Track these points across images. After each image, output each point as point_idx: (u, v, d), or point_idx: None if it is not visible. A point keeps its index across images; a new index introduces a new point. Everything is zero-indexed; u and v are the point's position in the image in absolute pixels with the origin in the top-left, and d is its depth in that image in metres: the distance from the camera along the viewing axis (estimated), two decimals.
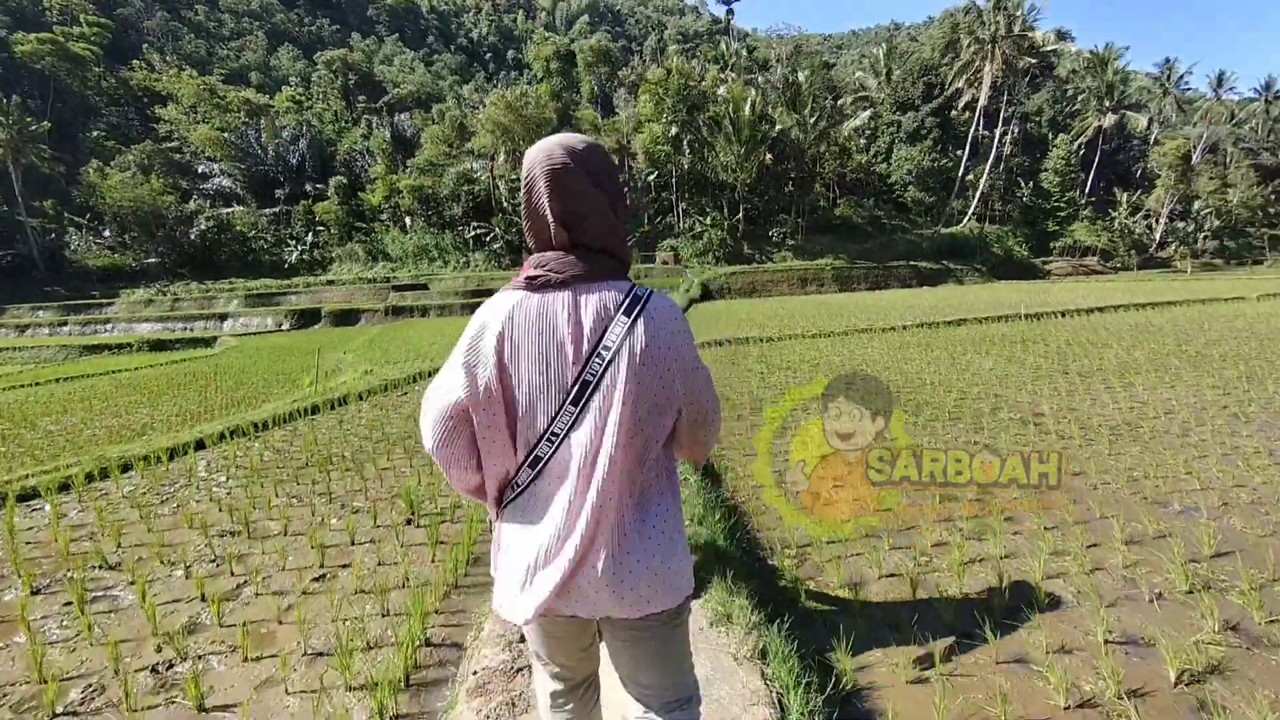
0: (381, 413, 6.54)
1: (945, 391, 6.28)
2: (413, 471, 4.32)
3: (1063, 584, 2.51)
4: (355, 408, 6.90)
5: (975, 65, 38.84)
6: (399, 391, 7.95)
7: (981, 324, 13.21)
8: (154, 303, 37.50)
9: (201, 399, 11.07)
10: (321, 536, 3.17)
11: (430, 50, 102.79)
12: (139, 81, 61.25)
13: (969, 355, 8.78)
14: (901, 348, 9.90)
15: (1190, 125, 59.40)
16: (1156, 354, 7.96)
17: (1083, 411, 5.28)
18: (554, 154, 1.04)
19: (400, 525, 3.36)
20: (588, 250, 1.07)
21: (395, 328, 24.67)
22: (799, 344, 11.00)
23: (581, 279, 1.05)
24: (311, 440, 5.34)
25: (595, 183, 1.06)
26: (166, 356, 22.91)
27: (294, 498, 3.86)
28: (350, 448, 5.09)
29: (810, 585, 2.57)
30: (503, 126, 39.60)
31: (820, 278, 34.93)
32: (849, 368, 8.04)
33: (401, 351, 15.62)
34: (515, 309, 1.05)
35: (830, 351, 9.91)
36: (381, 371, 11.35)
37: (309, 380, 12.25)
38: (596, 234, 1.08)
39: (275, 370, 14.73)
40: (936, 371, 7.52)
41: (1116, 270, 43.68)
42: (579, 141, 1.07)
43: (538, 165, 1.05)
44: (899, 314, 16.06)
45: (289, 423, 6.16)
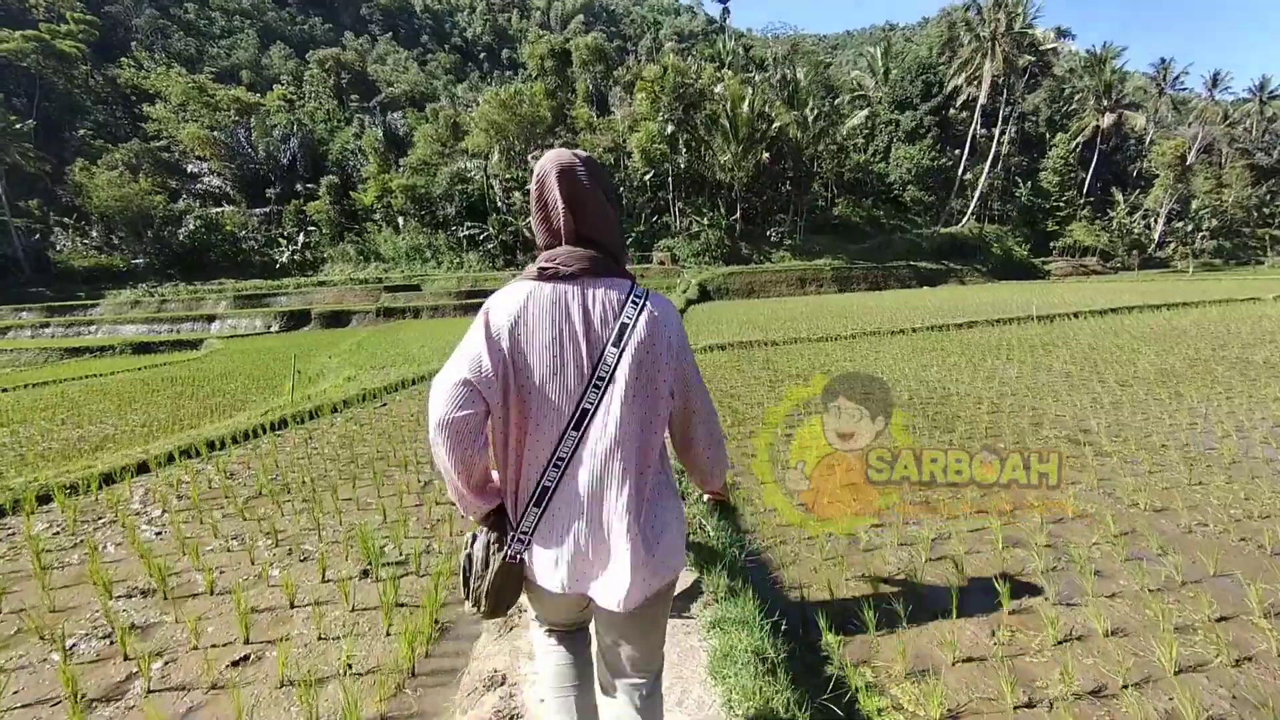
0: (356, 428, 5.93)
1: (976, 404, 5.72)
2: (378, 503, 3.73)
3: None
4: (328, 421, 6.29)
5: (975, 63, 38.40)
6: (378, 402, 7.34)
7: (993, 326, 12.68)
8: (140, 304, 36.71)
9: (173, 407, 10.43)
10: (254, 597, 2.58)
11: (424, 49, 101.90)
12: (127, 80, 60.36)
13: (989, 361, 8.23)
14: (915, 352, 9.35)
15: (1185, 125, 59.27)
16: (1194, 360, 7.43)
17: (1136, 428, 4.72)
18: (563, 155, 1.18)
19: (354, 579, 2.77)
20: (592, 245, 1.17)
21: (385, 330, 24.02)
22: (806, 348, 10.44)
23: (589, 273, 1.15)
24: (271, 463, 4.74)
25: (597, 183, 1.18)
26: (149, 360, 22.21)
27: (234, 539, 3.26)
28: (313, 471, 4.49)
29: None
30: (497, 125, 38.99)
31: (819, 278, 34.42)
32: (873, 373, 7.47)
33: (389, 355, 14.99)
34: (529, 297, 1.14)
35: (840, 357, 9.35)
36: (364, 378, 10.73)
37: (289, 387, 11.64)
38: (599, 227, 1.18)
39: (257, 375, 14.08)
40: (960, 380, 6.96)
41: (1116, 270, 43.38)
42: (582, 153, 1.20)
43: (550, 163, 1.17)
44: (905, 316, 15.53)
45: (251, 440, 5.54)
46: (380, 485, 4.05)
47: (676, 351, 1.19)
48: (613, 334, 1.13)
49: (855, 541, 2.98)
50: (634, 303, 1.15)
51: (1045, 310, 14.23)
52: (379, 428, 5.85)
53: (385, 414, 6.57)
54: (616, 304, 1.14)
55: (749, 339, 11.54)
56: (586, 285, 1.15)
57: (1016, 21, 36.24)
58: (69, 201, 46.00)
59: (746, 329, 13.83)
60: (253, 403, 10.26)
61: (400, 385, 8.38)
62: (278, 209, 48.21)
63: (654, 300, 1.18)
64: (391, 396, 7.73)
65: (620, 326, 1.13)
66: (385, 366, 12.57)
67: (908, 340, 11.11)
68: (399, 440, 5.33)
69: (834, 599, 2.46)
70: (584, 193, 1.16)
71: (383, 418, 6.34)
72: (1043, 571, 2.59)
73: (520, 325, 1.12)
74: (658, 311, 1.17)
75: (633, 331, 1.13)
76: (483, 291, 33.42)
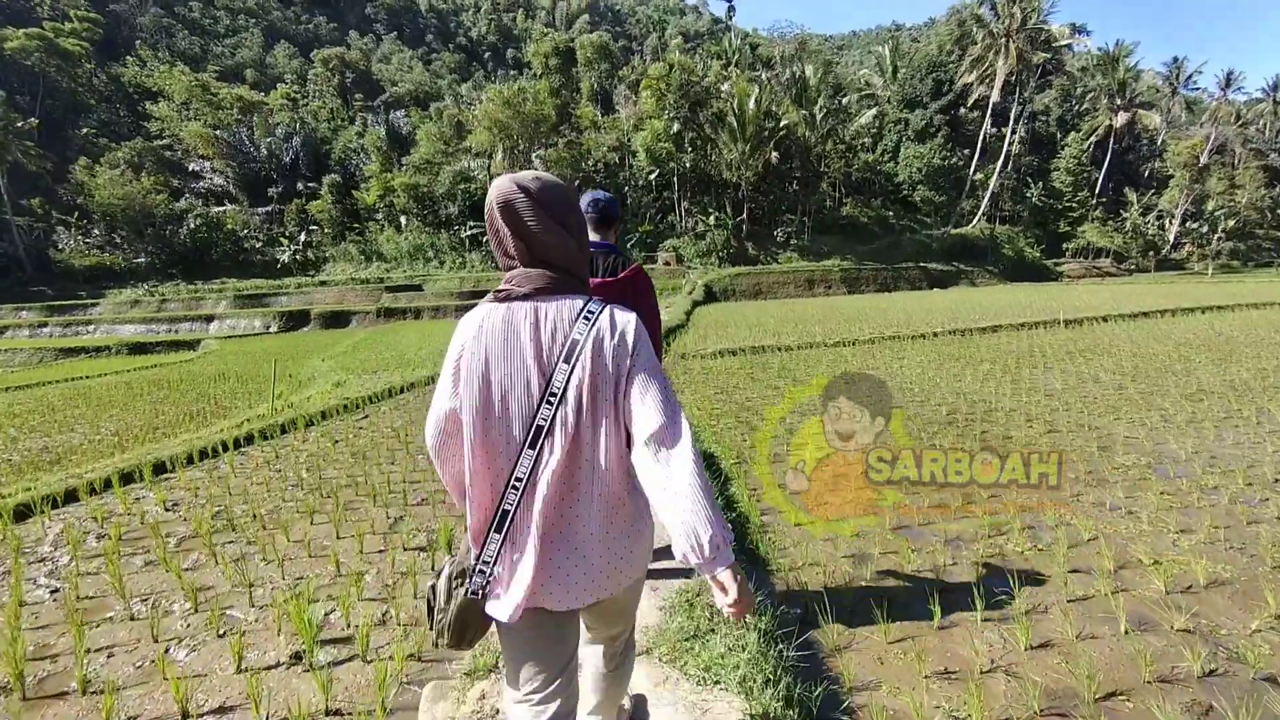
0: (329, 445, 5.30)
1: (1027, 422, 5.05)
2: (334, 548, 3.09)
3: None
4: (300, 437, 5.66)
5: (988, 60, 37.56)
6: (359, 414, 6.70)
7: (1019, 331, 11.98)
8: (140, 303, 36.31)
9: (152, 414, 9.86)
10: (136, 701, 1.94)
11: (429, 49, 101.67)
12: (130, 78, 60.15)
13: (1026, 370, 7.54)
14: (941, 360, 8.67)
15: (1197, 126, 58.30)
16: (1262, 370, 6.73)
17: (1234, 455, 4.04)
18: (503, 187, 1.17)
19: (280, 666, 2.14)
20: (547, 266, 1.19)
21: (384, 331, 23.45)
22: (823, 354, 9.78)
23: (542, 292, 1.17)
24: (223, 490, 4.11)
25: (542, 209, 1.16)
26: (143, 360, 21.74)
27: (143, 600, 2.63)
28: (269, 503, 3.86)
29: None
30: (500, 123, 38.39)
31: (828, 279, 33.71)
32: (900, 385, 6.81)
33: (384, 358, 14.39)
34: (485, 319, 1.18)
35: (861, 363, 8.69)
36: (353, 384, 10.13)
37: (278, 391, 11.04)
38: (551, 250, 1.18)
39: (247, 378, 13.52)
40: (1000, 392, 6.28)
41: (1130, 272, 42.49)
42: (530, 178, 1.18)
43: (493, 196, 1.18)
44: (922, 318, 14.83)
45: (210, 459, 4.92)
46: (341, 522, 3.42)
47: (628, 357, 1.15)
48: (563, 351, 1.13)
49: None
50: (586, 319, 1.15)
51: (1072, 314, 13.52)
52: (355, 446, 5.21)
53: (365, 428, 5.94)
54: (568, 321, 1.15)
55: (761, 344, 10.87)
56: (540, 304, 1.17)
57: (1031, 17, 35.39)
58: (71, 200, 45.72)
59: (757, 333, 13.17)
60: (235, 409, 9.67)
61: (387, 394, 7.76)
62: (280, 208, 47.79)
63: (609, 314, 1.17)
64: (375, 407, 7.10)
65: (570, 343, 1.13)
66: (377, 371, 11.97)
67: (930, 345, 10.42)
68: (374, 461, 4.70)
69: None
70: (529, 221, 1.16)
71: (361, 433, 5.71)
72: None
73: (477, 346, 1.15)
74: (610, 324, 1.16)
75: (582, 348, 1.13)
76: (484, 292, 32.51)
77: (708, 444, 4.65)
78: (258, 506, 3.76)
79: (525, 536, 1.14)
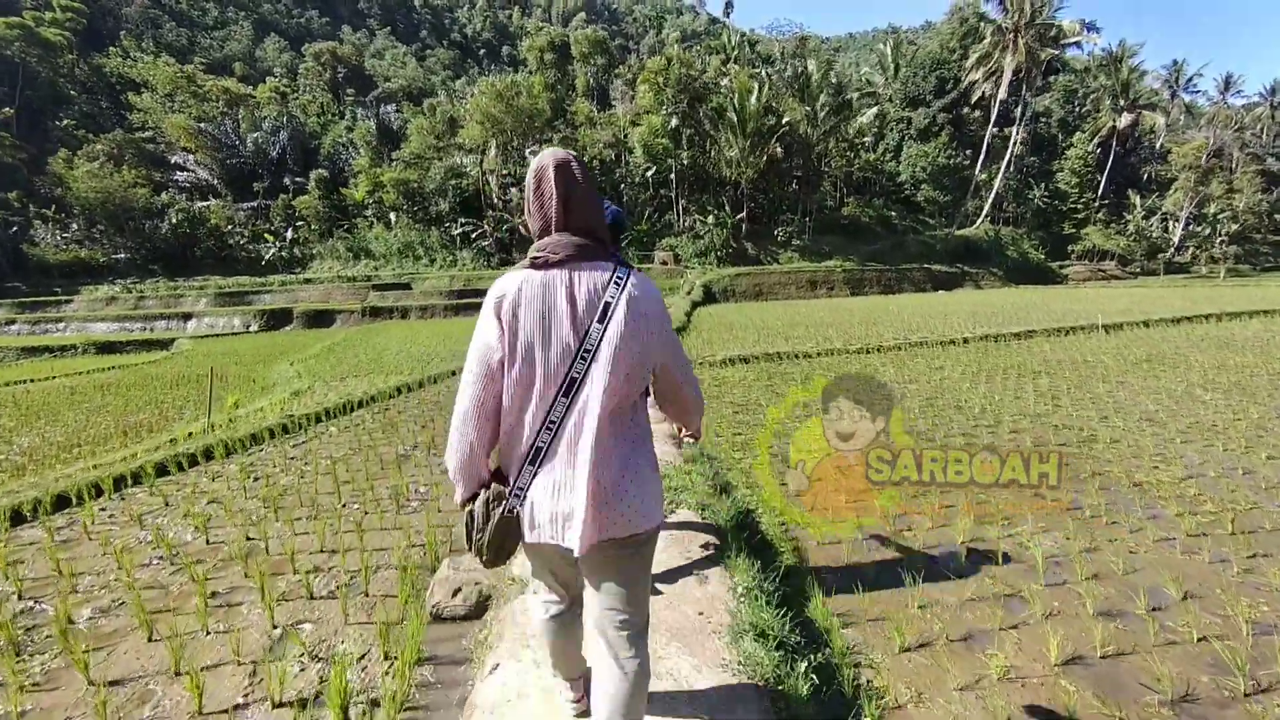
0: (240, 487, 4.09)
1: (1153, 462, 3.92)
2: (168, 690, 1.90)
3: None
4: (213, 470, 4.45)
5: (994, 58, 36.58)
6: (299, 437, 5.47)
7: (1057, 337, 10.88)
8: (117, 300, 34.86)
9: (80, 427, 8.61)
10: None
11: (423, 45, 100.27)
12: (113, 69, 58.46)
13: (1096, 384, 6.42)
14: (987, 371, 7.54)
15: (1195, 129, 57.75)
16: None
17: None
18: (559, 152, 1.34)
19: None
20: (578, 233, 1.30)
21: (365, 331, 22.17)
22: (848, 362, 8.63)
23: (575, 259, 1.28)
24: (51, 566, 2.91)
25: (587, 178, 1.33)
26: (108, 361, 20.37)
27: None
28: (108, 595, 2.66)
29: None
30: (493, 118, 37.08)
31: (830, 280, 32.65)
32: (954, 403, 5.67)
33: (357, 361, 13.15)
34: (523, 283, 1.27)
35: (896, 373, 7.55)
36: (316, 393, 8.91)
37: (232, 400, 9.81)
38: (586, 215, 1.31)
39: (222, 380, 12.27)
40: (1081, 414, 5.16)
41: (1135, 275, 41.67)
42: (563, 155, 1.34)
43: (548, 158, 1.33)
44: (941, 322, 13.73)
45: (69, 510, 3.70)
46: (207, 627, 2.23)
47: (656, 327, 1.31)
48: (597, 312, 1.26)
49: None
50: (616, 283, 1.28)
51: (1105, 318, 12.45)
52: (277, 486, 4.01)
53: (298, 459, 4.74)
54: (600, 285, 1.27)
55: (775, 350, 9.72)
56: (573, 270, 1.28)
57: (1041, 12, 34.41)
58: (49, 193, 44.16)
59: (767, 337, 12.02)
60: (178, 421, 8.45)
61: (343, 409, 6.54)
62: (266, 203, 46.34)
63: (635, 280, 1.30)
64: (323, 427, 5.89)
65: (604, 305, 1.26)
66: (346, 377, 10.74)
67: (965, 353, 9.30)
68: (290, 515, 3.50)
69: None
70: (577, 186, 1.30)
71: (290, 467, 4.51)
72: None
73: (516, 308, 1.26)
74: (638, 291, 1.29)
75: (614, 310, 1.26)
76: (475, 291, 31.59)
77: (739, 490, 3.51)
78: (88, 599, 2.57)
79: (557, 471, 1.30)
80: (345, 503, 3.63)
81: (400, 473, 4.19)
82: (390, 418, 6.17)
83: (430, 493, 3.76)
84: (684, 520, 2.91)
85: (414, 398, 7.36)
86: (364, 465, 4.40)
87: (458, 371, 9.66)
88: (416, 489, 3.86)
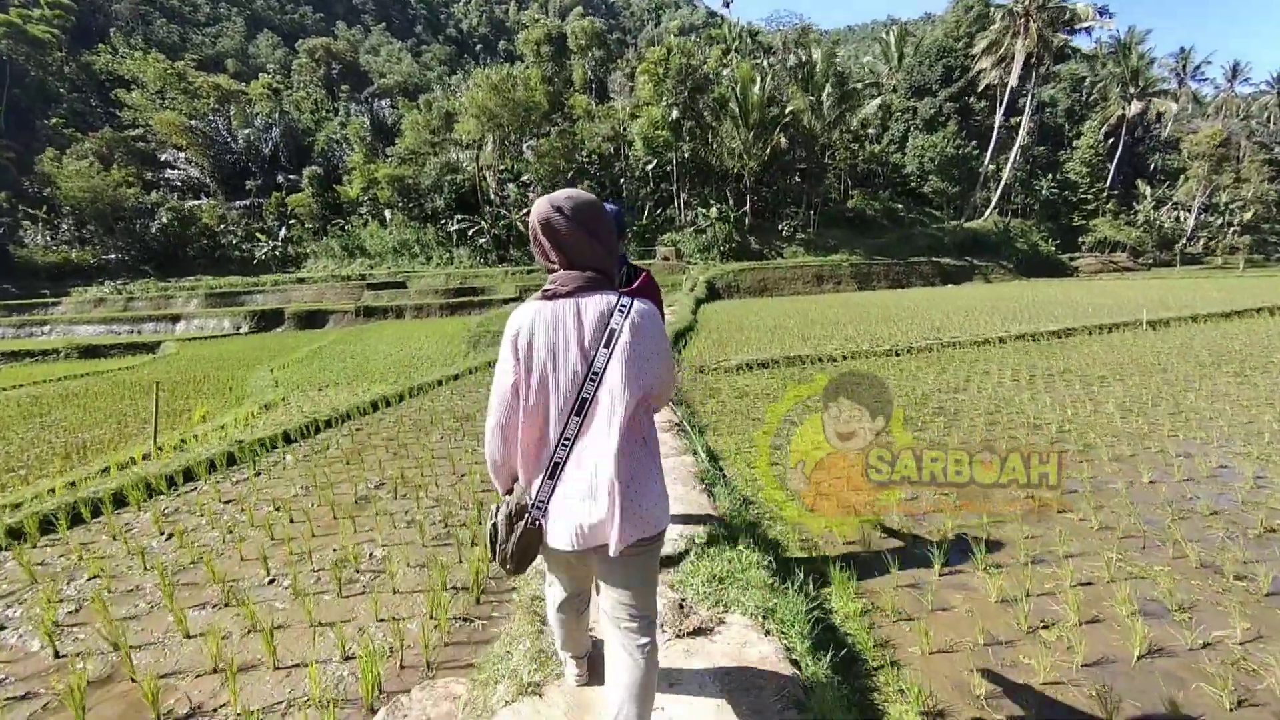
0: (148, 544, 3.21)
1: None
2: None
3: None
4: (124, 520, 3.57)
5: (1005, 44, 35.49)
6: (246, 472, 4.57)
7: (1099, 335, 9.97)
8: (106, 302, 34.01)
9: (30, 444, 7.75)
10: None
11: (418, 41, 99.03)
12: (102, 65, 57.35)
13: (1182, 393, 5.53)
14: (1043, 378, 6.62)
15: (1201, 119, 56.60)
16: None
17: None
18: (542, 208, 1.41)
19: None
20: (583, 269, 1.44)
21: (356, 333, 21.25)
22: (880, 366, 7.73)
23: (582, 290, 1.42)
24: None
25: (577, 223, 1.41)
26: (89, 366, 19.49)
27: None
28: None
29: None
30: (489, 112, 36.04)
31: (837, 275, 31.68)
32: (1021, 418, 4.76)
33: (342, 368, 12.26)
34: (536, 314, 1.42)
35: (937, 379, 6.64)
36: (292, 406, 8.03)
37: (200, 413, 8.92)
38: (586, 256, 1.44)
39: (185, 391, 11.39)
40: (1198, 434, 4.27)
41: (1149, 267, 40.64)
42: (563, 198, 1.43)
43: (534, 219, 1.43)
44: (963, 318, 12.81)
45: None
46: None
47: (656, 349, 1.44)
48: (602, 339, 1.39)
49: None
50: (620, 311, 1.40)
51: (1145, 313, 11.53)
52: (193, 548, 3.13)
53: (234, 504, 3.84)
54: (605, 313, 1.40)
55: (795, 352, 8.81)
56: (580, 300, 1.41)
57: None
58: (37, 193, 43.22)
59: (782, 338, 11.10)
60: (137, 438, 7.58)
61: (307, 430, 5.64)
62: (258, 202, 45.38)
63: (638, 308, 1.42)
64: (277, 455, 5.00)
65: (609, 332, 1.39)
66: (326, 385, 9.85)
67: (1006, 354, 8.39)
68: (197, 594, 2.61)
69: None
70: (565, 234, 1.41)
71: (220, 516, 3.61)
72: None
73: (531, 339, 1.41)
74: (639, 319, 1.41)
75: (619, 336, 1.38)
76: (471, 289, 30.68)
77: (808, 582, 2.61)
78: None
79: (571, 482, 1.42)
80: (273, 577, 2.74)
81: (354, 527, 3.32)
82: (359, 442, 5.28)
83: (385, 560, 2.87)
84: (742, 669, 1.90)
85: (391, 414, 6.47)
86: (310, 514, 3.51)
87: (445, 380, 8.77)
88: (371, 553, 2.98)
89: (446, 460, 4.57)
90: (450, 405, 6.83)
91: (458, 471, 4.28)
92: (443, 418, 6.10)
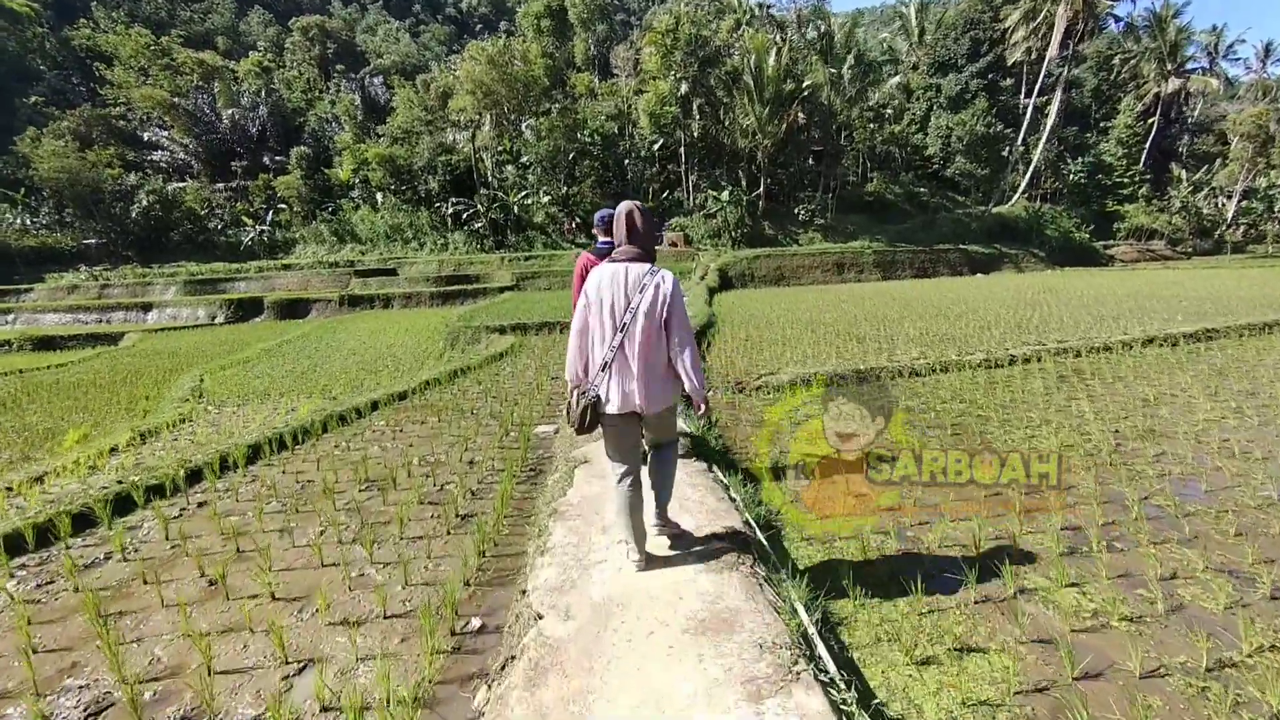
0: None
1: None
2: None
3: None
4: None
5: (1044, 10, 32.81)
6: (31, 556, 2.47)
7: (1249, 337, 7.76)
8: (79, 289, 31.94)
9: None
10: None
11: (417, 20, 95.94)
12: (82, 41, 54.80)
13: None
14: (1257, 408, 4.48)
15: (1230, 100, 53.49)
16: None
17: None
18: (628, 206, 2.49)
19: None
20: (635, 247, 2.47)
21: (333, 325, 19.10)
22: (988, 385, 5.56)
23: (631, 260, 2.44)
24: None
25: (645, 218, 2.51)
26: (36, 359, 17.34)
27: None
28: None
29: None
30: (485, 87, 33.55)
31: (859, 263, 29.35)
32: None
33: (296, 370, 10.09)
34: (603, 270, 2.44)
35: (1096, 407, 4.48)
36: (199, 426, 5.90)
37: (76, 436, 6.82)
38: (641, 240, 2.48)
39: (120, 391, 9.30)
40: None
41: (1188, 255, 38.07)
42: (636, 205, 2.51)
43: (624, 207, 2.49)
44: (1031, 312, 10.57)
45: None
46: None
47: (670, 299, 2.38)
48: (638, 290, 2.38)
49: None
50: (650, 274, 2.40)
51: (1242, 306, 9.30)
52: None
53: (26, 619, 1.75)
54: (640, 275, 2.40)
55: (865, 364, 6.61)
56: (629, 265, 2.43)
57: None
58: (14, 175, 40.99)
59: (828, 338, 8.87)
60: (33, 459, 5.51)
61: (191, 476, 3.53)
62: (244, 184, 43.09)
63: (662, 274, 2.41)
64: (100, 534, 2.88)
65: (642, 287, 2.38)
66: (255, 397, 7.72)
67: (1149, 364, 6.21)
68: None
69: None
70: (635, 223, 2.47)
71: None
72: None
73: (599, 285, 2.42)
74: (661, 282, 2.39)
75: (647, 289, 2.37)
76: (465, 277, 28.47)
77: None
78: None
79: (617, 374, 2.40)
80: None
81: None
82: (185, 531, 3.17)
83: None
84: None
85: (276, 467, 4.32)
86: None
87: (383, 402, 6.57)
88: None
89: (317, 594, 2.43)
90: (371, 449, 4.70)
91: (338, 618, 2.14)
92: (347, 480, 3.97)
